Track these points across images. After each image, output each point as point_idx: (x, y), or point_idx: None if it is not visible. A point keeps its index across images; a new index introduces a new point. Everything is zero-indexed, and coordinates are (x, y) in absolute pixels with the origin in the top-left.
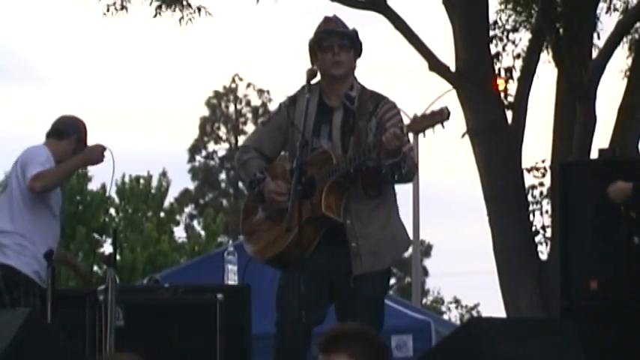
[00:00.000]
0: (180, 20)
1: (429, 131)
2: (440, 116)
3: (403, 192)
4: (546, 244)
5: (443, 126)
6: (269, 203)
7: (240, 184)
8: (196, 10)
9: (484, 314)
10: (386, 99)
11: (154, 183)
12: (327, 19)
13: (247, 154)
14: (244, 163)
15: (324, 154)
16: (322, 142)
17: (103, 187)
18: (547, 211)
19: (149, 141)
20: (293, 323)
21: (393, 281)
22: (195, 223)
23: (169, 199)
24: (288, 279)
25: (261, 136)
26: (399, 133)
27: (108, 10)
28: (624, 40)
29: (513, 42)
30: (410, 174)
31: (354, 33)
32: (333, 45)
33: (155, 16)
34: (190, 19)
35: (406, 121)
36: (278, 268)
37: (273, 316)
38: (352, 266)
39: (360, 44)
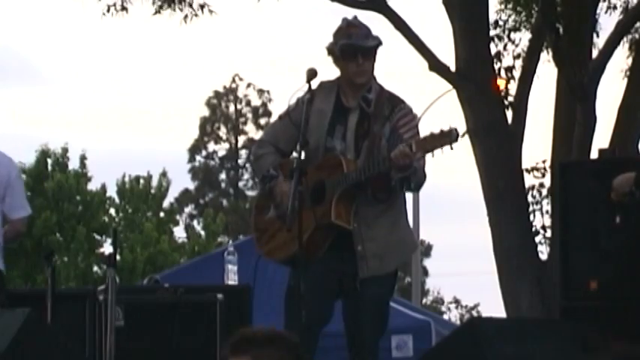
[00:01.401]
0: (184, 18)
1: (437, 150)
2: (449, 137)
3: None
4: (546, 244)
5: (452, 147)
6: (280, 203)
7: (255, 178)
8: (199, 8)
9: (484, 314)
10: (402, 104)
11: (154, 183)
12: (350, 24)
13: (262, 149)
14: (259, 157)
15: (334, 159)
16: (336, 143)
17: (103, 187)
18: (547, 211)
19: (149, 141)
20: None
21: None
22: (195, 223)
23: (169, 199)
24: (297, 280)
25: (277, 131)
26: (408, 151)
27: (108, 11)
28: (624, 39)
29: (513, 42)
30: (419, 185)
31: (379, 43)
32: (357, 55)
33: (155, 14)
34: (196, 14)
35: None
36: (289, 266)
37: (273, 316)
38: (358, 269)
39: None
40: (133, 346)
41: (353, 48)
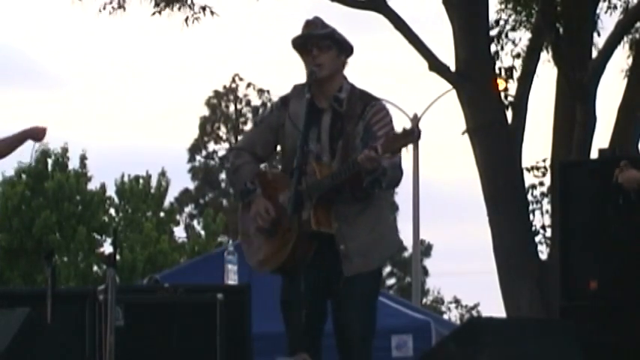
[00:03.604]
0: (186, 20)
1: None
2: (412, 136)
3: (403, 191)
4: (546, 244)
5: (416, 144)
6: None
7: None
8: (201, 10)
9: (484, 314)
10: (374, 101)
11: (154, 183)
12: (307, 23)
13: (240, 158)
14: (237, 168)
15: (308, 166)
16: (310, 145)
17: (103, 187)
18: (547, 211)
19: (149, 141)
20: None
21: (392, 281)
22: (195, 223)
23: (169, 199)
24: (289, 294)
25: (253, 137)
26: (374, 154)
27: (104, 9)
28: (624, 39)
29: (513, 41)
30: (393, 183)
31: (333, 32)
32: (312, 48)
33: (154, 14)
34: (197, 19)
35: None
36: (280, 275)
37: (274, 316)
38: (343, 268)
39: (345, 42)
40: (133, 346)
41: (304, 39)
